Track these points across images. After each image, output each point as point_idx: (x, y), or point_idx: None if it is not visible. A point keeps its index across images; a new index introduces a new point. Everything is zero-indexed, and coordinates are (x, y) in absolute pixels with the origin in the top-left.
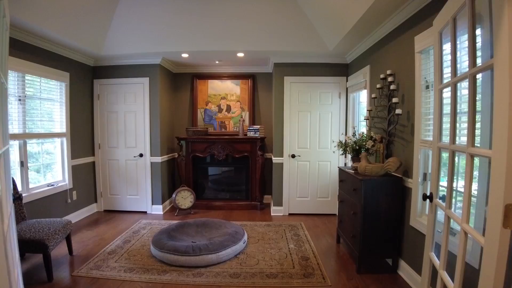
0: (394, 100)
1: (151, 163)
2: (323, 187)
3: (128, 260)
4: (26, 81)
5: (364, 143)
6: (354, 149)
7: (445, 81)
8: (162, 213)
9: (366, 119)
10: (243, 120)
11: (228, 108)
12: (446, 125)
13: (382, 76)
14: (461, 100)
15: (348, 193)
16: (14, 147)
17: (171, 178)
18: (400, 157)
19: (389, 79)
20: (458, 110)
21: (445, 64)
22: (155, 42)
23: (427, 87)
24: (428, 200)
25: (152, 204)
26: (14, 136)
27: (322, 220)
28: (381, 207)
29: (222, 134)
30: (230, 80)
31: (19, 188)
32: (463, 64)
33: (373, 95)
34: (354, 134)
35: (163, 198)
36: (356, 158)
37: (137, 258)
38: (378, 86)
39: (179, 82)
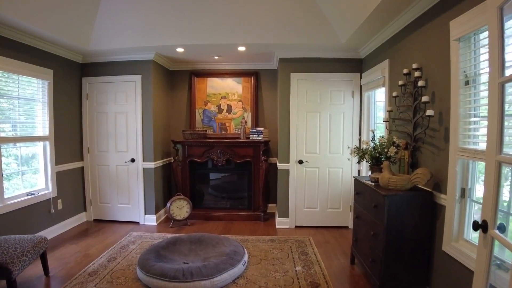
0: (424, 99)
1: (144, 169)
2: (334, 197)
3: (110, 284)
4: (0, 78)
5: (385, 150)
6: (374, 156)
7: (508, 72)
8: (155, 224)
9: (386, 122)
10: (245, 122)
11: (229, 109)
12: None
13: (405, 71)
14: None
15: (366, 209)
16: None
17: (166, 185)
18: (430, 167)
19: (416, 74)
20: None
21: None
22: (146, 35)
23: (467, 82)
24: (480, 229)
25: (145, 214)
26: None
27: (332, 234)
28: (407, 228)
29: (222, 137)
30: (231, 77)
31: None
32: None
33: (394, 94)
34: (373, 139)
35: (157, 208)
36: (375, 167)
37: (120, 281)
38: (400, 83)
39: (175, 80)
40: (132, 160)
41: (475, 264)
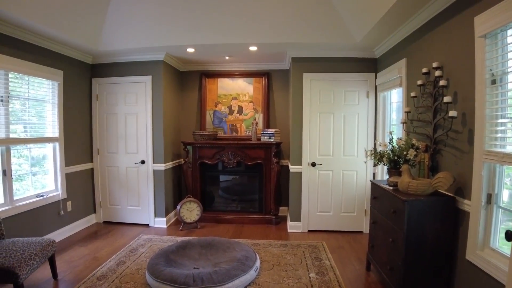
0: (446, 99)
1: (154, 170)
2: (348, 201)
3: None
4: (10, 79)
5: (404, 153)
6: (392, 159)
7: None
8: (165, 226)
9: (403, 123)
10: (256, 123)
11: (240, 110)
12: None
13: (424, 70)
14: None
15: (384, 214)
16: None
17: (177, 187)
18: (452, 171)
19: (436, 73)
20: None
21: None
22: (156, 36)
23: (494, 81)
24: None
25: (155, 216)
26: None
27: (346, 239)
28: (428, 235)
29: (233, 138)
30: (242, 78)
31: (1, 200)
32: None
33: (412, 94)
34: (391, 141)
35: (167, 210)
36: (393, 170)
37: (129, 286)
38: (419, 82)
39: (186, 81)
40: (142, 162)
41: (507, 277)
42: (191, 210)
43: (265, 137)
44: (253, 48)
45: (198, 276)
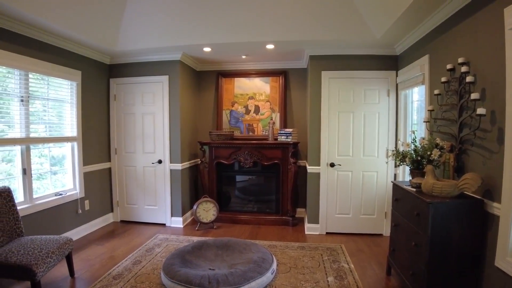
0: (473, 96)
1: (171, 170)
2: (368, 202)
3: None
4: (30, 79)
5: (427, 153)
6: (415, 160)
7: None
8: (182, 226)
9: (426, 122)
10: (273, 123)
11: (257, 109)
12: None
13: (449, 66)
14: None
15: (406, 217)
16: (15, 153)
17: (193, 187)
18: (479, 172)
19: (462, 69)
20: None
21: None
22: (173, 35)
23: None
24: None
25: (172, 216)
26: (15, 141)
27: (366, 242)
28: (453, 239)
29: (250, 138)
30: (259, 77)
31: (21, 198)
32: None
33: (435, 92)
34: (414, 141)
35: (183, 210)
36: (416, 171)
37: (144, 286)
38: (443, 79)
39: (203, 81)
40: (159, 162)
41: None
42: (207, 210)
43: (282, 137)
44: (270, 47)
45: (214, 278)
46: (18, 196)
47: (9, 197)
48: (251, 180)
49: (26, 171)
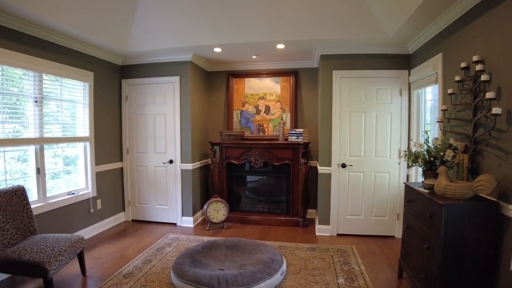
0: (488, 95)
1: (182, 170)
2: (379, 204)
3: None
4: (44, 81)
5: (441, 153)
6: (428, 160)
7: None
8: (192, 226)
9: (439, 122)
10: (284, 123)
11: (267, 109)
12: None
13: (463, 65)
14: None
15: (419, 219)
16: (30, 152)
17: (204, 186)
18: (494, 173)
19: (477, 67)
20: None
21: None
22: (183, 36)
23: None
24: None
25: (182, 215)
26: (29, 141)
27: (377, 244)
28: (467, 243)
29: (260, 138)
30: (269, 77)
31: (35, 197)
32: None
33: (449, 91)
34: (427, 141)
35: (194, 209)
36: (429, 172)
37: (154, 285)
38: (457, 78)
39: (213, 81)
40: (171, 162)
41: None
42: (217, 210)
43: (293, 137)
44: (280, 46)
45: (223, 278)
46: (32, 195)
47: (23, 195)
48: (262, 180)
49: (40, 171)
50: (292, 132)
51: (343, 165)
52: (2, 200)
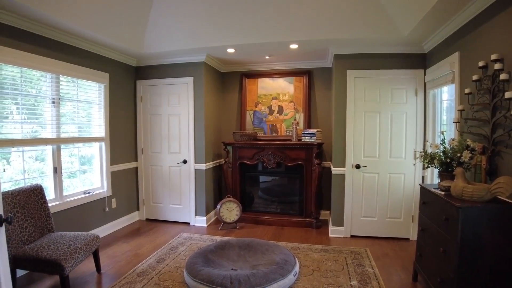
0: (508, 95)
1: (195, 170)
2: (394, 205)
3: (157, 286)
4: (61, 82)
5: (457, 155)
6: (444, 162)
7: None
8: (205, 225)
9: (456, 122)
10: (297, 123)
11: (280, 110)
12: None
13: (481, 64)
14: None
15: (434, 222)
16: (47, 152)
17: (217, 186)
18: None
19: (496, 66)
20: None
21: None
22: (197, 37)
23: None
24: None
25: (196, 215)
26: (46, 141)
27: (391, 246)
28: (485, 246)
29: (273, 139)
30: (283, 77)
31: (52, 195)
32: None
33: (466, 90)
34: (443, 142)
35: (207, 209)
36: (445, 174)
37: (167, 284)
38: (474, 77)
39: (227, 82)
40: (184, 161)
41: None
42: (230, 210)
43: (306, 137)
44: (293, 46)
45: (236, 278)
46: (49, 194)
47: (41, 194)
48: (275, 180)
49: (57, 170)
50: (305, 132)
51: (358, 166)
52: (21, 198)
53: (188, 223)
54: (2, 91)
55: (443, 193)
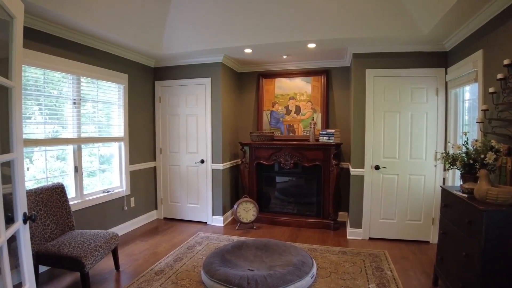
0: None
1: (213, 170)
2: (414, 207)
3: (174, 285)
4: (81, 83)
5: (481, 156)
6: (467, 163)
7: None
8: (222, 225)
9: (479, 123)
10: (315, 123)
11: (297, 110)
12: None
13: (506, 62)
14: None
15: (456, 225)
16: (68, 151)
17: (234, 186)
18: None
19: None
20: None
21: None
22: (215, 38)
23: None
24: None
25: (213, 214)
26: (68, 141)
27: (411, 249)
28: (510, 252)
29: (290, 139)
30: (300, 77)
31: (73, 194)
32: None
33: (490, 90)
34: (465, 143)
35: (224, 209)
36: (468, 176)
37: (184, 283)
38: (499, 76)
39: (244, 82)
40: (202, 161)
41: None
42: (247, 210)
43: (324, 137)
44: (311, 46)
45: (253, 279)
46: (70, 192)
47: (63, 192)
48: (291, 181)
49: (77, 169)
50: (323, 132)
51: (377, 167)
52: (43, 196)
53: (205, 223)
54: (26, 92)
55: (465, 195)
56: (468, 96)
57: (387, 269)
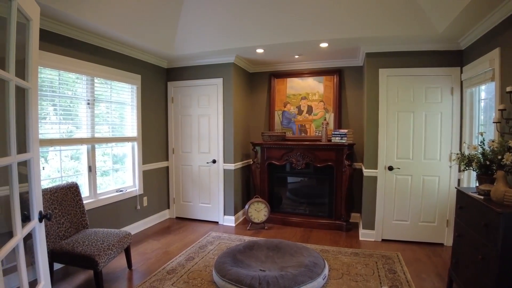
0: None
1: (224, 170)
2: (428, 209)
3: (186, 284)
4: (95, 84)
5: (498, 157)
6: (483, 164)
7: None
8: (234, 225)
9: (496, 123)
10: (327, 123)
11: (309, 110)
12: None
13: None
14: None
15: (472, 227)
16: (82, 151)
17: (245, 186)
18: None
19: None
20: None
21: None
22: (226, 38)
23: None
24: None
25: (224, 214)
26: (82, 141)
27: (424, 251)
28: None
29: (302, 139)
30: (312, 77)
31: (87, 193)
32: None
33: (508, 89)
34: (482, 143)
35: (235, 209)
36: (484, 177)
37: (196, 282)
38: None
39: (255, 82)
40: (214, 161)
41: None
42: (259, 211)
43: (336, 138)
44: (323, 45)
45: (264, 279)
46: (84, 191)
47: (77, 191)
48: (303, 182)
49: (91, 169)
50: (335, 132)
51: (390, 168)
52: (58, 195)
53: (217, 222)
54: (41, 93)
55: (482, 197)
56: (484, 96)
57: (400, 272)
